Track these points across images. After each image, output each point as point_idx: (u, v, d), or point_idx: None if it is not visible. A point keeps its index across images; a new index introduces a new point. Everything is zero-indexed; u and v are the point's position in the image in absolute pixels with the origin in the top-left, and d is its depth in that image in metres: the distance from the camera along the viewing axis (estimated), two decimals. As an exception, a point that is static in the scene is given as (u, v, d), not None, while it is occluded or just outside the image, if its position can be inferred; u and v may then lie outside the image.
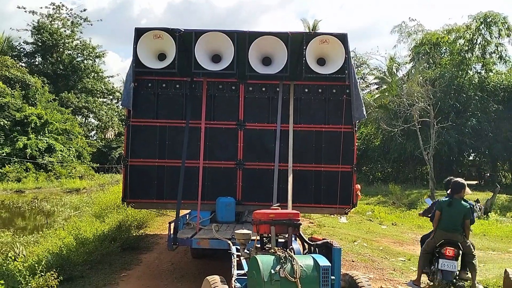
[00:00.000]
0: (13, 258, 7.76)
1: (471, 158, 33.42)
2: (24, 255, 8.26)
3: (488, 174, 31.93)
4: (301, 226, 4.82)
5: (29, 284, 5.68)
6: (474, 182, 32.61)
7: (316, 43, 7.93)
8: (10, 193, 26.99)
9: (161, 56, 8.05)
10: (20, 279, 5.71)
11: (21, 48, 45.18)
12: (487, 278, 8.06)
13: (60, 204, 21.18)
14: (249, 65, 7.85)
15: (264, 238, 4.93)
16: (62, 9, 45.88)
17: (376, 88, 38.24)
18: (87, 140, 42.37)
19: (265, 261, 4.16)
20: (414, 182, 29.55)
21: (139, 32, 7.87)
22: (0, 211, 20.24)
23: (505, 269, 7.13)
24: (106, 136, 51.33)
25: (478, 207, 18.25)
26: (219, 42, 7.93)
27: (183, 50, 7.99)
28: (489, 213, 17.53)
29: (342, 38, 7.95)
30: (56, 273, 5.95)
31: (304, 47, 7.84)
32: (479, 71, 30.22)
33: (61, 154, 34.58)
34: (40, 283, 5.71)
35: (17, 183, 29.15)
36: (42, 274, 5.87)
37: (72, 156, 36.06)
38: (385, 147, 31.22)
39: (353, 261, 9.34)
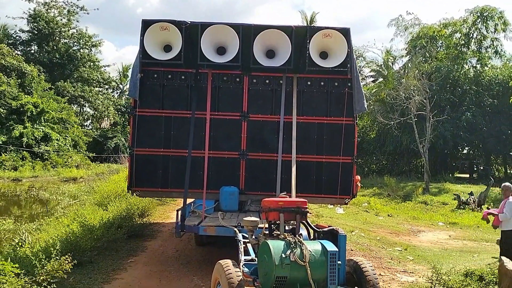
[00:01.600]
0: (20, 244, 7.96)
1: (465, 151, 33.76)
2: (30, 241, 8.44)
3: (481, 168, 32.29)
4: (308, 213, 5.04)
5: (45, 268, 5.87)
6: (467, 176, 33.02)
7: (319, 37, 8.11)
8: (7, 181, 27.04)
9: (167, 48, 8.22)
10: (35, 263, 5.89)
11: (17, 36, 44.96)
12: (482, 267, 8.32)
13: (58, 192, 21.31)
14: (254, 57, 8.03)
15: (272, 225, 5.13)
16: (58, -3, 45.61)
17: (372, 81, 38.41)
18: (82, 130, 42.36)
19: (276, 246, 4.38)
20: (408, 175, 29.86)
21: (146, 24, 8.02)
22: (-2, 199, 20.37)
23: (500, 257, 7.38)
24: (102, 125, 51.26)
25: (472, 199, 18.58)
26: (225, 34, 8.10)
27: (189, 42, 8.15)
28: (482, 206, 17.83)
29: (345, 32, 8.14)
30: (70, 257, 6.15)
31: (308, 41, 8.02)
32: (474, 65, 30.46)
33: (57, 143, 34.59)
34: (55, 266, 5.91)
35: (13, 172, 29.21)
36: (57, 258, 6.06)
37: (68, 145, 36.07)
38: (381, 139, 31.47)
39: (352, 250, 9.59)
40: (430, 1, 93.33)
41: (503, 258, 7.25)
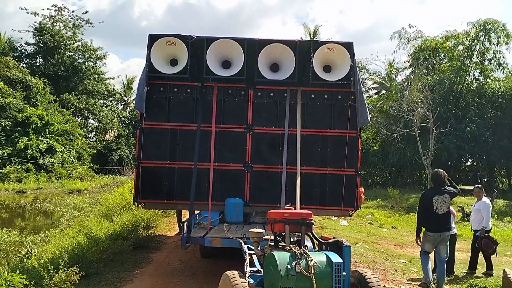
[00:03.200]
0: (26, 256, 8.03)
1: (468, 163, 33.71)
2: (36, 253, 8.52)
3: (485, 180, 32.21)
4: (313, 225, 5.10)
5: (53, 279, 5.94)
6: (471, 187, 32.93)
7: (323, 51, 8.22)
8: (12, 193, 27.18)
9: (173, 62, 8.34)
10: (43, 274, 5.96)
11: (22, 49, 45.44)
12: (486, 279, 8.35)
13: (63, 204, 21.37)
14: (258, 71, 8.12)
15: (278, 237, 5.20)
16: (64, 10, 46.18)
17: (375, 93, 38.57)
18: (87, 142, 42.58)
19: (281, 257, 4.45)
20: (412, 187, 29.82)
21: (153, 38, 8.16)
22: (1, 212, 20.44)
23: (504, 269, 7.43)
24: (106, 137, 51.49)
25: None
26: (230, 48, 8.22)
27: (195, 56, 8.28)
28: (486, 218, 17.75)
29: (348, 46, 8.24)
30: (78, 269, 6.22)
31: (311, 55, 8.12)
32: (477, 77, 30.52)
33: (61, 155, 34.78)
34: (63, 277, 5.98)
35: (18, 184, 29.36)
36: (65, 269, 6.14)
37: (72, 157, 36.25)
38: (384, 151, 31.51)
39: (356, 262, 9.61)
40: (432, 14, 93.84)
41: (507, 270, 7.30)
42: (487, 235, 8.89)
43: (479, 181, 33.79)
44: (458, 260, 10.83)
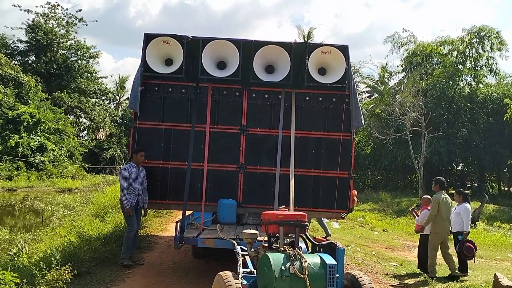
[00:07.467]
0: (17, 254, 7.98)
1: (459, 168, 33.91)
2: (27, 251, 8.46)
3: (476, 184, 32.45)
4: (307, 227, 5.11)
5: (45, 277, 5.91)
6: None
7: (318, 54, 8.26)
8: (2, 191, 26.94)
9: (168, 62, 8.35)
10: (35, 272, 5.93)
11: (14, 46, 44.90)
12: (476, 283, 8.40)
13: (54, 203, 21.24)
14: (253, 72, 8.15)
15: (271, 238, 5.20)
16: (57, 8, 45.74)
17: (368, 97, 38.72)
18: (78, 140, 42.31)
19: (276, 258, 4.46)
20: (403, 190, 29.97)
21: (148, 38, 8.16)
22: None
23: (495, 273, 7.50)
24: (98, 136, 51.21)
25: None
26: (225, 49, 8.24)
27: (190, 56, 8.28)
28: (476, 222, 17.95)
29: (343, 49, 8.29)
30: (70, 267, 6.19)
31: (307, 57, 8.16)
32: (469, 82, 30.71)
33: (52, 154, 34.53)
34: (55, 276, 5.95)
35: (8, 182, 29.10)
36: (57, 268, 6.10)
37: (63, 156, 36.01)
38: (376, 155, 31.63)
39: (347, 265, 9.63)
40: (427, 20, 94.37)
41: (498, 274, 7.37)
42: (469, 239, 8.96)
43: (470, 186, 34.06)
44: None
